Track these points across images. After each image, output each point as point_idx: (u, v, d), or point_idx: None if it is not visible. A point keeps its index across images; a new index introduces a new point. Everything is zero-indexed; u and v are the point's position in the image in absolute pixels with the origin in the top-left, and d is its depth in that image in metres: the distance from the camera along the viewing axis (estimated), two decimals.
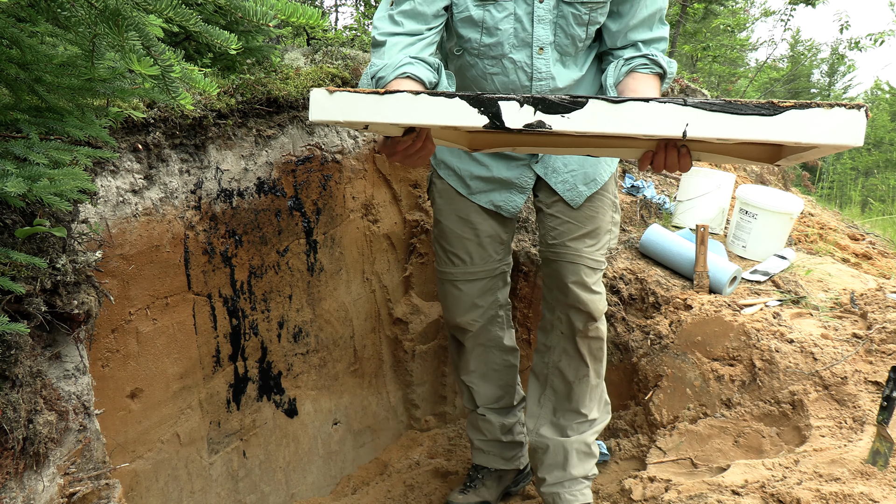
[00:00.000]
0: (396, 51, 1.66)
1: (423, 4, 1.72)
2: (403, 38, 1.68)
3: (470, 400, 2.40)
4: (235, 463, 2.33)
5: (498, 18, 1.79)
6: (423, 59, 1.64)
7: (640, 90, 1.76)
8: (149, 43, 0.86)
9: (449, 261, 2.18)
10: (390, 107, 1.15)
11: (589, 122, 1.07)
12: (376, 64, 1.64)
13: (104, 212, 1.79)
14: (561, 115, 1.09)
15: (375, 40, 1.72)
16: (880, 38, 7.95)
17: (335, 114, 1.17)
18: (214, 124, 2.08)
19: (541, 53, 1.84)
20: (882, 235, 4.01)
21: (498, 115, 1.11)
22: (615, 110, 1.06)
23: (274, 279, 2.39)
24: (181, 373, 2.09)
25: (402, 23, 1.70)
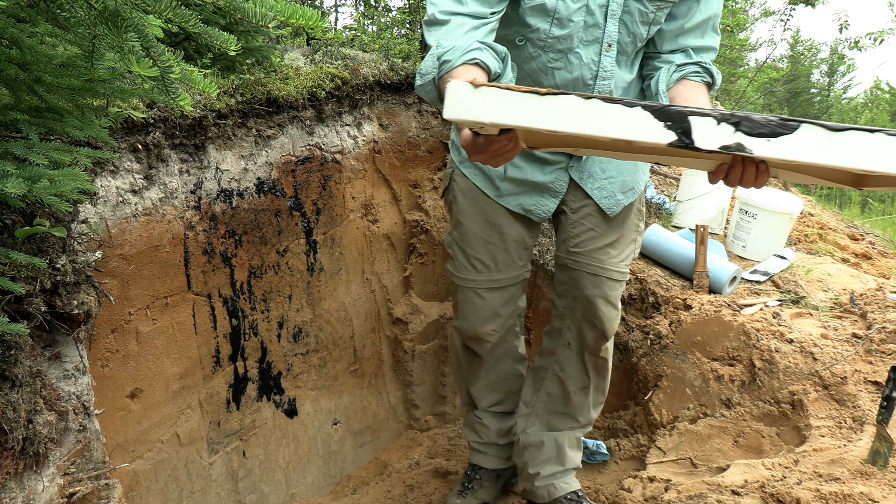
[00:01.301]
0: (462, 33, 1.55)
1: None
2: (468, 19, 1.57)
3: (469, 402, 2.37)
4: (235, 463, 2.33)
5: (572, 9, 1.69)
6: (490, 45, 1.53)
7: (691, 98, 1.71)
8: (148, 44, 0.86)
9: (471, 267, 2.03)
10: (552, 110, 0.98)
11: (799, 149, 0.93)
12: (443, 45, 1.51)
13: (104, 212, 1.79)
14: (766, 139, 0.93)
15: (435, 17, 1.59)
16: (880, 37, 7.95)
17: (478, 112, 1.00)
18: (214, 124, 2.08)
19: (608, 51, 1.76)
20: (882, 235, 4.00)
21: (688, 132, 0.95)
22: (833, 139, 0.91)
23: (274, 279, 2.39)
24: (181, 373, 2.09)
25: (466, 2, 1.58)
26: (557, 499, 2.20)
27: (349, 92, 2.62)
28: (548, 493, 2.21)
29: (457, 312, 2.15)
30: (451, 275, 2.11)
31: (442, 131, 3.00)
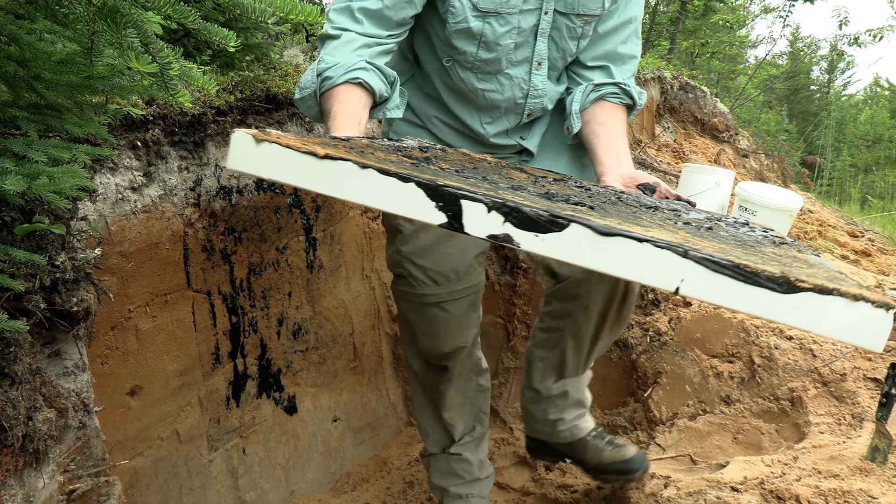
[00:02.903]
0: (350, 50, 1.49)
1: (392, 9, 1.55)
2: (360, 37, 1.52)
3: (445, 438, 2.16)
4: (235, 460, 2.33)
5: (500, 33, 1.63)
6: (378, 67, 1.49)
7: (606, 123, 1.69)
8: (147, 40, 0.86)
9: (430, 281, 1.85)
10: (329, 175, 0.92)
11: (565, 250, 0.88)
12: (326, 60, 1.46)
13: (103, 209, 1.79)
14: (535, 234, 0.89)
15: (328, 33, 1.53)
16: (879, 33, 7.95)
17: (260, 168, 0.95)
18: (213, 121, 2.08)
19: (538, 69, 1.72)
20: (881, 232, 4.01)
21: (458, 216, 0.90)
22: (601, 244, 0.86)
23: (273, 276, 2.39)
24: (181, 370, 2.09)
25: (362, 21, 1.53)
26: (581, 438, 2.08)
27: None
28: (571, 435, 2.07)
29: (417, 335, 1.98)
30: (405, 294, 1.91)
31: None
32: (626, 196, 1.29)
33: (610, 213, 1.00)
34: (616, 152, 1.65)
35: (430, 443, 2.17)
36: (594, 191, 1.28)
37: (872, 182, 12.16)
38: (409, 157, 1.12)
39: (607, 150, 1.66)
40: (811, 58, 20.62)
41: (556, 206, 0.95)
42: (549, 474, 2.63)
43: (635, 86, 1.77)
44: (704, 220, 1.20)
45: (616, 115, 1.71)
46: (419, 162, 1.09)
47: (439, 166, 1.10)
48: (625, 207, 1.12)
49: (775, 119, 13.91)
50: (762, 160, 4.75)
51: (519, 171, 1.35)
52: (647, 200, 1.28)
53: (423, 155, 1.18)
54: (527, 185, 1.13)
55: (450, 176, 1.01)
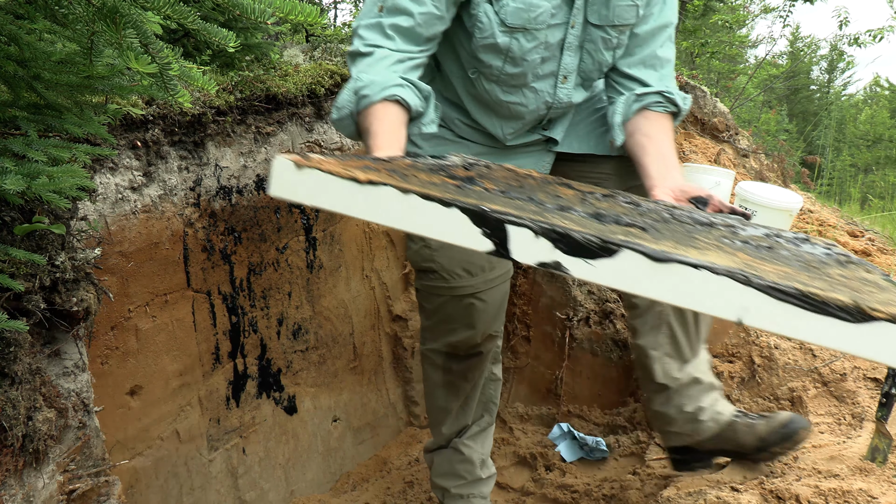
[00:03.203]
0: (385, 66, 1.50)
1: (423, 26, 1.55)
2: (393, 53, 1.52)
3: (458, 426, 2.11)
4: (235, 460, 2.33)
5: (526, 48, 1.63)
6: (413, 82, 1.50)
7: (651, 134, 1.65)
8: (147, 40, 0.86)
9: (465, 273, 1.83)
10: (371, 201, 0.90)
11: (618, 277, 0.84)
12: (362, 79, 1.46)
13: (103, 209, 1.79)
14: (585, 261, 0.84)
15: (360, 50, 1.53)
16: (879, 33, 7.95)
17: (301, 194, 0.93)
18: (213, 121, 2.08)
19: (564, 83, 1.72)
20: (881, 232, 4.01)
21: (504, 242, 0.86)
22: (655, 271, 0.81)
23: (273, 276, 2.39)
24: (181, 370, 2.09)
25: (394, 38, 1.53)
26: (728, 422, 1.94)
27: None
28: (716, 423, 1.93)
29: (449, 328, 1.95)
30: (437, 288, 1.88)
31: None
32: (679, 212, 1.23)
33: (664, 234, 0.96)
34: (665, 164, 1.60)
35: (441, 433, 2.12)
36: (644, 207, 1.21)
37: (872, 182, 12.15)
38: (453, 178, 1.08)
39: (655, 163, 1.61)
40: (811, 58, 20.62)
41: (607, 228, 0.91)
42: (549, 474, 2.63)
43: (678, 91, 1.73)
44: (763, 236, 1.13)
45: (662, 125, 1.67)
46: (463, 183, 1.05)
47: (484, 186, 1.06)
48: (678, 226, 1.07)
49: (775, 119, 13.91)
50: (762, 160, 4.75)
51: (566, 188, 1.28)
52: (700, 216, 1.21)
53: (466, 174, 1.13)
54: (575, 204, 1.09)
55: (495, 198, 0.97)
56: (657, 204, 1.31)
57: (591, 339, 2.91)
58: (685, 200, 1.50)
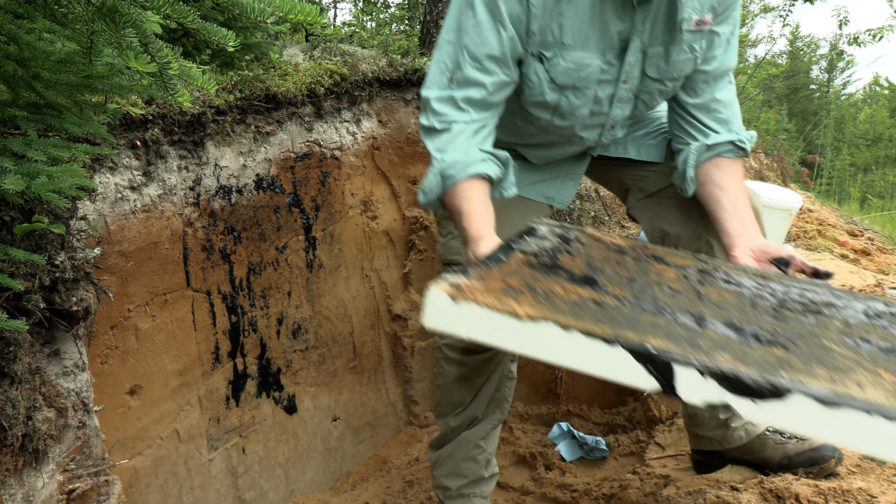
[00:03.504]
0: (464, 140, 1.52)
1: (494, 94, 1.55)
2: (469, 125, 1.53)
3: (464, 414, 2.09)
4: (235, 459, 2.33)
5: (575, 104, 1.63)
6: (492, 153, 1.53)
7: (725, 184, 1.64)
8: (146, 40, 0.86)
9: None
10: (531, 336, 0.91)
11: (787, 419, 0.83)
12: (445, 160, 1.49)
13: (103, 208, 1.79)
14: (752, 401, 0.85)
15: (434, 126, 1.53)
16: (879, 33, 7.94)
17: (457, 326, 0.94)
18: (213, 121, 2.08)
19: (611, 131, 1.73)
20: (881, 231, 4.01)
21: (671, 381, 0.87)
22: (826, 416, 0.81)
23: (273, 276, 2.39)
24: (180, 369, 2.09)
25: (468, 110, 1.53)
26: (758, 435, 1.95)
27: (348, 88, 2.61)
28: (746, 434, 1.94)
29: None
30: None
31: None
32: (782, 295, 1.22)
33: (802, 350, 0.97)
34: (741, 219, 1.60)
35: (448, 424, 2.10)
36: (747, 292, 1.21)
37: (872, 181, 12.16)
38: (574, 280, 1.10)
39: (732, 219, 1.61)
40: (811, 57, 20.62)
41: (751, 350, 0.92)
42: (548, 473, 2.63)
43: (745, 130, 1.71)
44: (867, 321, 1.14)
45: (734, 173, 1.66)
46: (592, 290, 1.07)
47: (612, 293, 1.07)
48: (797, 323, 1.08)
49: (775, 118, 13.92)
50: (762, 159, 4.75)
51: (658, 263, 1.30)
52: (801, 298, 1.22)
53: (582, 271, 1.15)
54: (686, 296, 1.12)
55: (639, 318, 0.98)
56: (755, 282, 1.30)
57: None
58: (767, 262, 1.50)
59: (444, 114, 1.53)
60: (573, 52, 1.55)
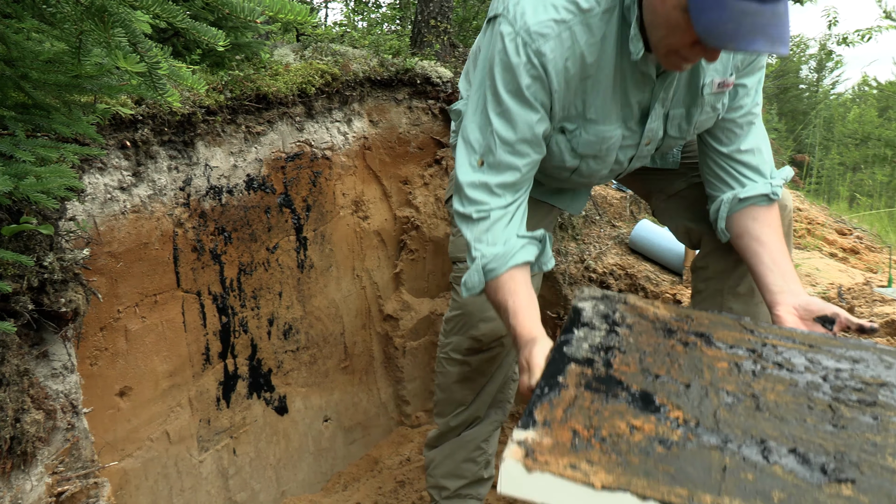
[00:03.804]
0: (501, 229, 1.50)
1: (528, 173, 1.53)
2: (505, 210, 1.51)
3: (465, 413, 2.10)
4: (225, 460, 2.33)
5: (594, 168, 1.65)
6: (530, 236, 1.52)
7: (763, 237, 1.62)
8: (135, 39, 0.86)
9: None
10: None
11: None
12: (485, 255, 1.48)
13: (92, 209, 1.78)
14: None
15: (471, 215, 1.51)
16: (868, 33, 7.99)
17: (532, 493, 0.97)
18: (203, 121, 2.07)
19: (620, 177, 1.78)
20: (869, 230, 4.03)
21: None
22: None
23: (264, 276, 2.38)
24: (170, 371, 2.08)
25: (502, 195, 1.51)
26: None
27: (339, 88, 2.61)
28: None
29: (479, 319, 1.95)
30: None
31: (432, 127, 3.00)
32: (842, 386, 1.20)
33: (868, 479, 0.99)
34: (782, 274, 1.59)
35: (448, 424, 2.10)
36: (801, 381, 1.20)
37: (861, 180, 12.22)
38: (635, 403, 1.11)
39: (772, 274, 1.60)
40: (800, 57, 20.73)
41: (820, 493, 0.94)
42: None
43: (778, 173, 1.69)
44: None
45: (770, 223, 1.65)
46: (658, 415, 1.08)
47: (672, 418, 1.09)
48: (870, 448, 1.08)
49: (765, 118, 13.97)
50: None
51: (707, 346, 1.29)
52: (859, 376, 1.21)
53: (643, 389, 1.15)
54: (745, 404, 1.12)
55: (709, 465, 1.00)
56: (806, 359, 1.28)
57: None
58: (811, 320, 1.50)
59: (479, 201, 1.50)
60: (596, 125, 1.55)
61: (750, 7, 1.21)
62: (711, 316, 1.41)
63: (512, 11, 1.44)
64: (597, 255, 2.95)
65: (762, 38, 1.22)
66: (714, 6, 1.21)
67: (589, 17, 1.41)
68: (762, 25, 1.22)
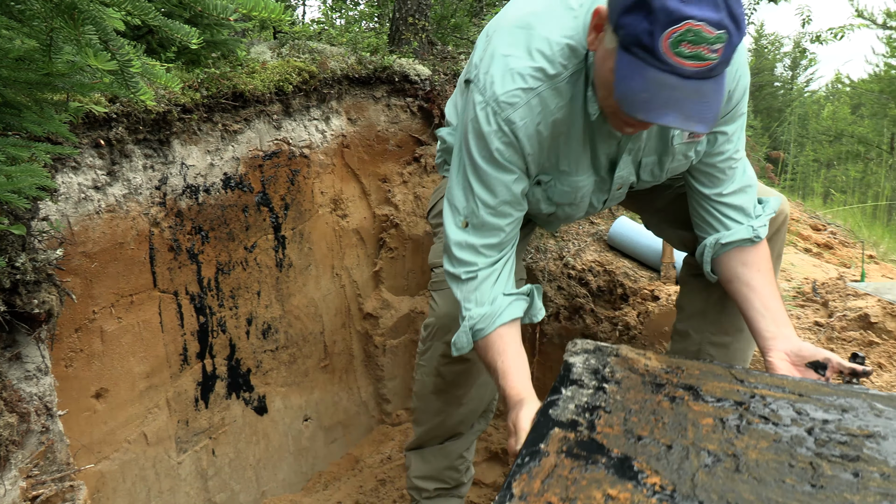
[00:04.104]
0: (488, 288, 1.52)
1: (512, 231, 1.55)
2: (492, 268, 1.54)
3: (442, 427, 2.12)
4: (204, 461, 2.31)
5: (569, 212, 1.69)
6: (518, 292, 1.55)
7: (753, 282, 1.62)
8: (106, 37, 0.84)
9: None
10: None
11: None
12: (473, 316, 1.50)
13: (66, 209, 1.76)
14: None
15: (459, 276, 1.53)
16: (840, 32, 8.10)
17: None
18: (179, 119, 2.05)
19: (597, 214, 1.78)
20: (843, 225, 4.09)
21: None
22: None
23: (242, 275, 2.36)
24: (147, 371, 2.06)
25: (489, 255, 1.53)
26: None
27: (317, 86, 2.60)
28: None
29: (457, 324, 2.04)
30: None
31: (411, 125, 2.99)
32: (827, 440, 1.19)
33: None
34: (773, 320, 1.59)
35: (427, 432, 2.11)
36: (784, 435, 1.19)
37: (834, 176, 12.40)
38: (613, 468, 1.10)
39: (764, 319, 1.60)
40: (775, 55, 20.98)
41: None
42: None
43: (765, 210, 1.70)
44: None
45: (759, 265, 1.66)
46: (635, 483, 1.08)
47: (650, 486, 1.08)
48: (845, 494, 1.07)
49: None
50: None
51: (694, 400, 1.28)
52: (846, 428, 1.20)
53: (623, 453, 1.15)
54: (725, 465, 1.12)
55: None
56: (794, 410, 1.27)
57: (561, 334, 2.93)
58: (803, 366, 1.51)
59: (466, 262, 1.53)
60: (568, 176, 1.58)
61: (668, 80, 1.20)
62: (702, 365, 1.40)
63: (482, 81, 1.46)
64: (575, 252, 2.97)
65: (675, 113, 1.22)
66: (634, 74, 1.22)
67: (557, 83, 1.44)
68: (678, 100, 1.21)
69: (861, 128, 15.45)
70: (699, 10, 1.14)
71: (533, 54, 1.43)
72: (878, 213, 5.77)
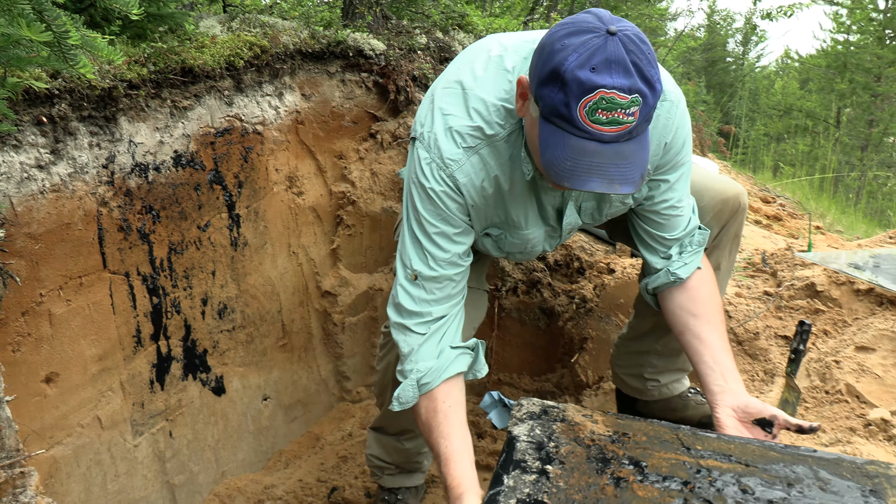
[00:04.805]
0: (436, 342, 1.54)
1: (461, 280, 1.57)
2: (440, 322, 1.55)
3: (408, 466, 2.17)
4: (162, 444, 2.28)
5: (521, 258, 1.77)
6: (463, 346, 1.56)
7: (702, 333, 1.67)
8: (41, 7, 0.81)
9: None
10: None
11: None
12: (419, 369, 1.51)
13: (7, 189, 1.70)
14: None
15: (408, 327, 1.54)
16: (790, 10, 8.26)
17: None
18: (125, 95, 1.99)
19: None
20: (791, 198, 4.20)
21: None
22: None
23: (195, 255, 2.32)
24: (100, 354, 2.02)
25: (437, 307, 1.55)
26: (676, 395, 2.11)
27: (269, 61, 2.54)
28: (660, 393, 2.11)
29: None
30: None
31: (366, 101, 2.96)
32: None
33: None
34: (722, 374, 1.61)
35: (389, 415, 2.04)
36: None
37: (784, 150, 12.70)
38: None
39: (713, 373, 1.62)
40: (727, 31, 21.26)
41: None
42: (480, 442, 2.67)
43: (690, 253, 1.72)
44: None
45: (708, 317, 1.68)
46: None
47: None
48: None
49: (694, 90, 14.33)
50: None
51: (640, 477, 1.27)
52: None
53: None
54: None
55: None
56: (737, 486, 1.26)
57: (519, 308, 2.96)
58: (750, 423, 1.53)
59: (415, 313, 1.54)
60: (519, 230, 1.63)
61: (589, 146, 1.22)
62: (649, 428, 1.41)
63: (427, 139, 1.50)
64: None
65: (599, 179, 1.24)
66: (557, 143, 1.25)
67: (494, 142, 1.48)
68: (600, 165, 1.24)
69: (809, 102, 15.79)
70: (610, 79, 1.18)
71: (471, 114, 1.48)
72: (825, 185, 5.94)
